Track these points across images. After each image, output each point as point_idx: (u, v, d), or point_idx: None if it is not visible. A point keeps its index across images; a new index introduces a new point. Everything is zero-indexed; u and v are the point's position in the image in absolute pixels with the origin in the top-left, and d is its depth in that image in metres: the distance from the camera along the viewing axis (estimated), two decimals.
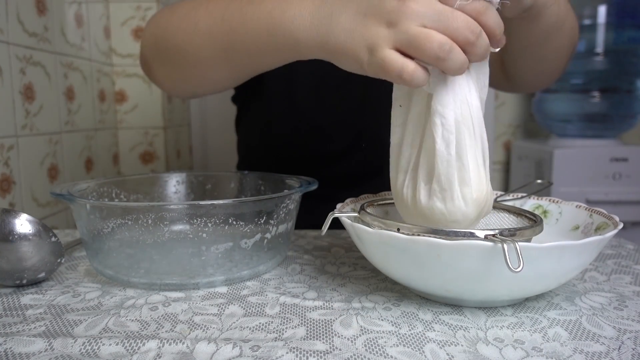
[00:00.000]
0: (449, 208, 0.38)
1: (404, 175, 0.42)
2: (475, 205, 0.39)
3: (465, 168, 0.38)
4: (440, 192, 0.38)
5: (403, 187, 0.42)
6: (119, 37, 1.32)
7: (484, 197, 0.39)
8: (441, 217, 0.39)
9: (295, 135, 0.79)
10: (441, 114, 0.37)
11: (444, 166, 0.38)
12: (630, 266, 0.51)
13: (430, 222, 0.40)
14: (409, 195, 0.41)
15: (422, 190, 0.40)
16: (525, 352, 0.33)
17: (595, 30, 1.48)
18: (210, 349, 0.33)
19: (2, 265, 0.43)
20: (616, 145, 1.50)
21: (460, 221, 0.39)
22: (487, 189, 0.39)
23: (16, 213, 0.44)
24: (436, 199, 0.39)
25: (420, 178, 0.40)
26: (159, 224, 0.44)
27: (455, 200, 0.38)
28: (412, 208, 0.41)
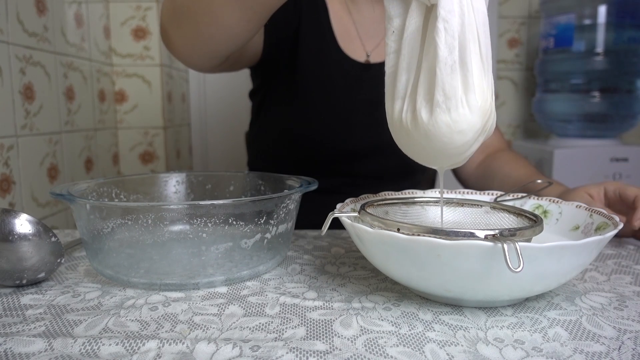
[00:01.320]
0: (453, 117, 0.37)
1: (401, 102, 0.40)
2: (481, 113, 0.37)
3: (469, 74, 0.37)
4: (444, 102, 0.37)
5: (401, 113, 0.40)
6: (119, 37, 1.32)
7: (489, 107, 0.38)
8: (446, 131, 0.37)
9: (321, 133, 0.80)
10: (445, 19, 0.36)
11: (447, 73, 0.36)
12: (630, 266, 0.51)
13: (434, 141, 0.38)
14: (408, 120, 0.39)
15: (423, 109, 0.38)
16: (525, 352, 0.33)
17: (595, 30, 1.48)
18: (210, 349, 0.33)
19: (2, 265, 0.43)
20: (616, 145, 1.50)
21: (466, 131, 0.37)
22: (490, 98, 0.38)
23: (16, 213, 0.44)
24: (439, 111, 0.37)
25: (420, 98, 0.38)
26: (159, 224, 0.44)
27: (460, 108, 0.37)
28: (414, 131, 0.39)
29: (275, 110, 0.84)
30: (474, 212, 0.49)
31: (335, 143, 0.80)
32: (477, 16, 0.37)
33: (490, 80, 0.38)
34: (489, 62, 0.38)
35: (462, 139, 0.38)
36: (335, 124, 0.80)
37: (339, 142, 0.80)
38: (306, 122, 0.80)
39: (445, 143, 0.38)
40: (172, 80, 1.45)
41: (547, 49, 1.60)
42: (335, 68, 0.79)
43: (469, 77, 0.37)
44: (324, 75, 0.79)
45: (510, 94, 1.83)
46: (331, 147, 0.81)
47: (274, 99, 0.84)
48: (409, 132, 0.40)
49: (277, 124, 0.84)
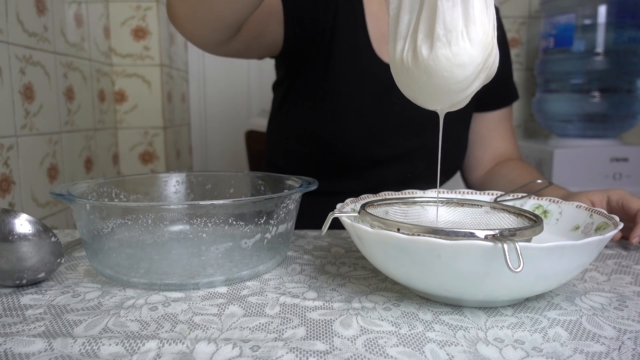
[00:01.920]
0: (454, 50, 0.37)
1: (403, 42, 0.40)
2: (482, 46, 0.37)
3: (470, 6, 0.36)
4: (444, 35, 0.36)
5: (403, 53, 0.40)
6: (118, 37, 1.32)
7: (490, 41, 0.37)
8: (446, 64, 0.37)
9: (349, 135, 0.78)
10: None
11: (448, 5, 0.36)
12: (630, 266, 0.51)
13: (435, 77, 0.38)
14: (409, 59, 0.39)
15: (424, 46, 0.38)
16: (525, 352, 0.33)
17: (595, 30, 1.48)
18: (210, 349, 0.33)
19: (2, 265, 0.43)
20: (616, 145, 1.50)
21: (467, 64, 0.37)
22: (492, 32, 0.38)
23: (16, 213, 0.44)
24: (440, 45, 0.37)
25: (421, 36, 0.38)
26: (159, 224, 0.44)
27: (460, 41, 0.36)
28: (414, 69, 0.39)
29: (299, 107, 0.82)
30: (474, 212, 0.49)
31: (362, 148, 0.79)
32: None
33: (492, 15, 0.38)
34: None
35: (463, 73, 0.37)
36: (364, 129, 0.78)
37: (365, 147, 0.79)
38: (333, 126, 0.79)
39: (446, 77, 0.37)
40: (172, 80, 1.45)
41: (547, 49, 1.60)
42: (367, 72, 0.78)
43: (470, 9, 0.36)
44: (355, 78, 0.78)
45: None
46: (357, 153, 0.79)
47: (298, 95, 0.82)
48: (409, 70, 0.39)
49: (302, 124, 0.82)
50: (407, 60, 0.39)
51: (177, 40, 1.50)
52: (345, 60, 0.78)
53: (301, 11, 0.76)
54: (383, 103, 0.78)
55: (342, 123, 0.78)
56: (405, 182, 0.81)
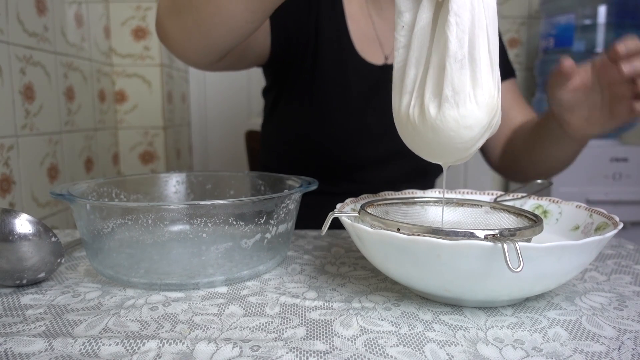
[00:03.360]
0: (461, 112, 0.37)
1: (409, 97, 0.40)
2: (488, 109, 0.38)
3: (478, 69, 0.37)
4: (452, 96, 0.37)
5: (409, 108, 0.40)
6: (119, 37, 1.32)
7: (495, 103, 0.38)
8: (454, 125, 0.38)
9: (338, 138, 0.79)
10: (457, 13, 0.36)
11: (457, 68, 0.37)
12: (630, 266, 0.51)
13: (442, 136, 0.38)
14: (415, 115, 0.40)
15: (431, 105, 0.38)
16: (525, 352, 0.33)
17: (595, 30, 1.48)
18: (210, 349, 0.33)
19: (2, 265, 0.43)
20: (616, 145, 1.50)
21: (473, 126, 0.38)
22: (497, 95, 0.38)
23: (16, 213, 0.44)
24: (448, 106, 0.37)
25: (428, 93, 0.39)
26: (159, 224, 0.44)
27: (468, 103, 0.37)
28: (421, 126, 0.39)
29: (289, 112, 0.83)
30: (474, 212, 0.49)
31: (353, 150, 0.79)
32: (487, 11, 0.37)
33: (497, 76, 0.38)
34: (496, 57, 0.38)
35: (469, 134, 0.38)
36: (353, 130, 0.79)
37: (356, 148, 0.79)
38: (322, 128, 0.79)
39: (452, 138, 0.38)
40: (172, 80, 1.45)
41: (547, 49, 1.60)
42: (353, 73, 0.78)
43: (478, 72, 0.37)
44: (341, 80, 0.78)
45: None
46: (348, 154, 0.80)
47: (288, 101, 0.83)
48: (415, 126, 0.40)
49: (293, 128, 0.83)
50: (414, 116, 0.40)
51: None
52: (329, 63, 0.78)
53: (286, 19, 0.76)
54: (370, 103, 0.79)
55: (331, 126, 0.79)
56: (400, 182, 0.81)
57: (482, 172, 1.82)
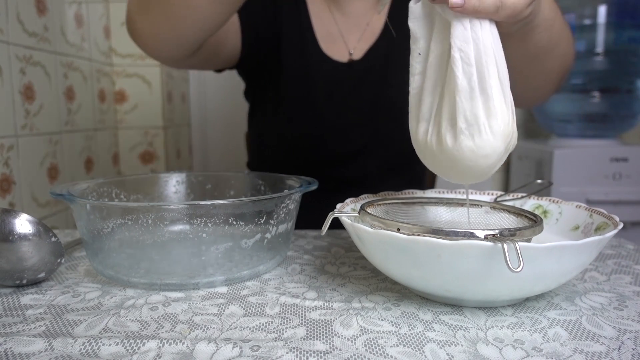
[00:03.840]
0: (477, 143, 0.37)
1: (426, 124, 0.41)
2: (503, 136, 0.38)
3: (490, 99, 0.37)
4: (467, 128, 0.37)
5: (427, 135, 0.41)
6: (119, 37, 1.32)
7: (510, 129, 0.39)
8: (471, 156, 0.38)
9: (311, 136, 0.80)
10: (460, 48, 0.37)
11: (467, 101, 0.37)
12: (630, 266, 0.51)
13: (459, 164, 0.39)
14: (433, 143, 0.40)
15: (448, 134, 0.39)
16: (525, 352, 0.33)
17: (595, 30, 1.48)
18: (210, 349, 0.33)
19: (2, 265, 0.43)
20: (616, 145, 1.50)
21: (490, 155, 0.38)
22: (512, 120, 0.39)
23: (16, 213, 0.44)
24: (463, 138, 0.38)
25: (445, 122, 0.39)
26: (159, 224, 0.44)
27: (483, 134, 0.37)
28: (439, 154, 0.40)
29: (264, 114, 0.85)
30: (474, 212, 0.49)
31: (329, 145, 0.80)
32: (493, 37, 0.37)
33: (509, 101, 0.39)
34: (506, 82, 0.39)
35: (486, 163, 0.38)
36: (325, 127, 0.80)
37: (331, 144, 0.80)
38: (296, 127, 0.80)
39: (470, 167, 0.39)
40: (172, 80, 1.45)
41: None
42: (318, 71, 0.79)
43: (490, 102, 0.37)
44: (307, 80, 0.79)
45: None
46: (325, 150, 0.80)
47: (263, 102, 0.84)
48: (434, 153, 0.40)
49: (269, 128, 0.84)
50: (432, 144, 0.40)
51: None
52: (294, 62, 0.79)
53: (254, 18, 0.77)
54: (339, 100, 0.79)
55: (302, 124, 0.80)
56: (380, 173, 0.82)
57: None
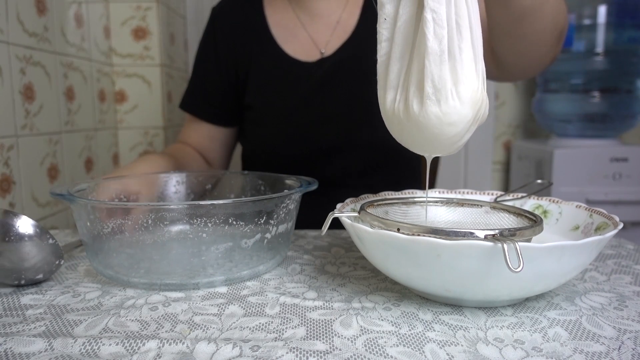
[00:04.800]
0: (443, 110, 0.37)
1: (394, 92, 0.40)
2: (471, 104, 0.37)
3: (459, 64, 0.36)
4: (434, 94, 0.36)
5: (394, 103, 0.40)
6: (119, 37, 1.32)
7: (480, 97, 0.37)
8: (436, 122, 0.37)
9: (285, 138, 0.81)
10: (432, 9, 0.36)
11: (436, 64, 0.36)
12: (630, 266, 0.51)
13: (425, 132, 0.38)
14: (400, 110, 0.39)
15: (415, 100, 0.38)
16: (525, 352, 0.33)
17: (595, 30, 1.48)
18: (210, 349, 0.33)
19: (4, 263, 0.43)
20: (616, 145, 1.50)
21: (457, 123, 0.37)
22: (481, 87, 0.38)
23: (15, 215, 0.44)
24: (430, 103, 0.37)
25: (412, 89, 0.38)
26: (159, 224, 0.44)
27: (450, 100, 0.36)
28: (406, 121, 0.39)
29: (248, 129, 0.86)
30: (474, 212, 0.49)
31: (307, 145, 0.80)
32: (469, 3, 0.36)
33: (481, 68, 0.38)
34: (480, 49, 0.38)
35: (452, 131, 0.37)
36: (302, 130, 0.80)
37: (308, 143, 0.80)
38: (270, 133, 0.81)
39: (436, 134, 0.38)
40: (172, 80, 1.45)
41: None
42: (287, 76, 0.80)
43: (459, 67, 0.36)
44: (277, 86, 0.80)
45: (510, 94, 1.83)
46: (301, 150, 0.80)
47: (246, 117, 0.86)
48: (401, 121, 0.39)
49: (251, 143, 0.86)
50: (399, 111, 0.39)
51: (177, 40, 1.51)
52: (263, 75, 0.81)
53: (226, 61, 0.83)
54: (313, 99, 0.79)
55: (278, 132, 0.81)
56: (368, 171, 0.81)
57: (482, 172, 1.82)
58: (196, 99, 0.88)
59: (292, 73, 0.79)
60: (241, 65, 0.83)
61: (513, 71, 0.71)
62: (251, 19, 0.83)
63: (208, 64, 0.86)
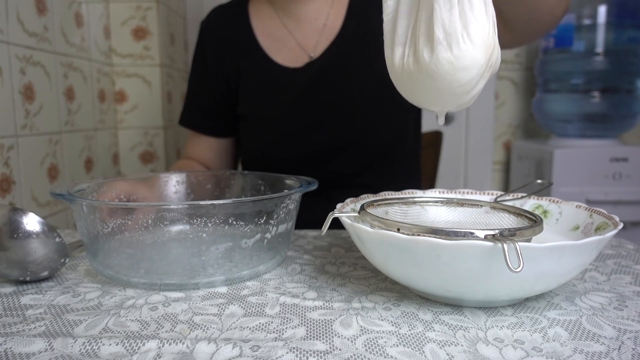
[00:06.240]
0: (455, 54, 0.36)
1: (402, 48, 0.39)
2: (484, 47, 0.36)
3: (468, 7, 0.35)
4: (445, 38, 0.36)
5: (403, 59, 0.39)
6: (119, 37, 1.32)
7: (492, 40, 0.37)
8: (449, 68, 0.36)
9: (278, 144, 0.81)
10: None
11: (446, 9, 0.35)
12: (630, 266, 0.51)
13: (438, 81, 0.37)
14: (410, 63, 0.38)
15: (425, 49, 0.37)
16: (525, 352, 0.33)
17: (595, 30, 1.48)
18: (210, 349, 0.33)
19: (9, 259, 0.44)
20: (616, 145, 1.50)
21: (470, 67, 0.36)
22: (492, 31, 0.37)
23: (23, 212, 0.44)
24: (441, 49, 0.36)
25: (422, 38, 0.37)
26: (159, 224, 0.44)
27: (461, 43, 0.35)
28: (417, 74, 0.38)
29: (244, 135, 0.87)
30: (474, 212, 0.49)
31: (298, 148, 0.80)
32: None
33: (491, 13, 0.37)
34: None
35: (466, 76, 0.36)
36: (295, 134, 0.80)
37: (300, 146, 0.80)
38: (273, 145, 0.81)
39: (450, 81, 0.37)
40: (172, 80, 1.45)
41: (547, 49, 1.60)
42: (276, 83, 0.80)
43: (468, 10, 0.35)
44: (269, 96, 0.80)
45: (510, 94, 1.83)
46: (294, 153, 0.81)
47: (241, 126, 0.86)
48: (411, 75, 0.38)
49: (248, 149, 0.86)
50: (409, 65, 0.38)
51: (177, 40, 1.51)
52: (252, 84, 0.82)
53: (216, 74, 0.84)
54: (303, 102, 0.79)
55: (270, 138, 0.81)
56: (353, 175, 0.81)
57: (482, 172, 1.82)
58: (193, 114, 0.89)
59: (281, 80, 0.80)
60: (231, 77, 0.84)
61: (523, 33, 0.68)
62: (238, 30, 0.83)
63: (200, 79, 0.87)
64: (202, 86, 0.87)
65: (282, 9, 0.82)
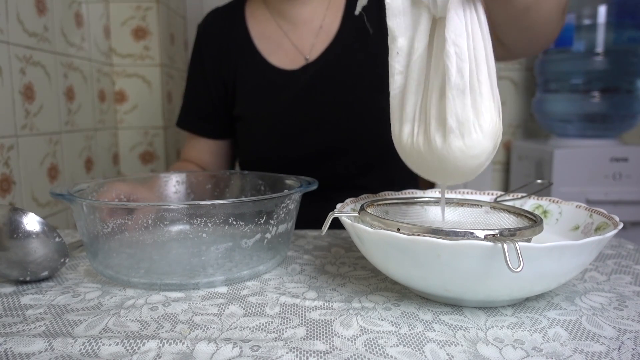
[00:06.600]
0: (467, 143, 0.37)
1: (410, 125, 0.40)
2: (492, 136, 0.38)
3: (479, 97, 0.37)
4: (457, 127, 0.37)
5: (412, 136, 0.40)
6: (119, 37, 1.32)
7: (498, 127, 0.38)
8: (460, 155, 0.38)
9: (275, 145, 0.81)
10: (455, 42, 0.36)
11: (459, 98, 0.37)
12: (630, 266, 0.51)
13: (448, 165, 0.38)
14: (420, 143, 0.39)
15: (437, 135, 0.38)
16: (525, 352, 0.33)
17: (595, 30, 1.48)
18: (210, 349, 0.33)
19: (9, 259, 0.44)
20: (616, 145, 1.50)
21: (479, 155, 0.38)
22: (498, 119, 0.39)
23: (23, 212, 0.44)
24: (453, 137, 0.37)
25: (433, 122, 0.38)
26: (159, 224, 0.44)
27: (473, 133, 0.37)
28: (427, 155, 0.39)
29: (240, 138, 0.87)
30: (474, 212, 0.49)
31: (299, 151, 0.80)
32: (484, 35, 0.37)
33: (497, 98, 0.38)
34: (494, 78, 0.38)
35: (475, 162, 0.38)
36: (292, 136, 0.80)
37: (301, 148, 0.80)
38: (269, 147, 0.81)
39: (459, 167, 0.38)
40: (172, 80, 1.45)
41: (547, 49, 1.59)
42: (271, 84, 0.80)
43: (479, 100, 0.37)
44: (265, 98, 0.80)
45: (510, 94, 1.83)
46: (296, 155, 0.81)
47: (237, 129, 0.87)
48: (421, 154, 0.40)
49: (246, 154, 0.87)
50: (418, 144, 0.40)
51: (177, 40, 1.51)
52: (249, 85, 0.82)
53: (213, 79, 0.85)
54: (299, 103, 0.79)
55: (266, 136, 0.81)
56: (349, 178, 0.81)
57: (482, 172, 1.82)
58: (190, 116, 0.89)
59: (277, 82, 0.80)
60: (228, 79, 0.84)
61: (521, 53, 0.69)
62: (234, 32, 0.83)
63: (197, 81, 0.87)
64: (199, 88, 0.87)
65: (277, 11, 0.82)
